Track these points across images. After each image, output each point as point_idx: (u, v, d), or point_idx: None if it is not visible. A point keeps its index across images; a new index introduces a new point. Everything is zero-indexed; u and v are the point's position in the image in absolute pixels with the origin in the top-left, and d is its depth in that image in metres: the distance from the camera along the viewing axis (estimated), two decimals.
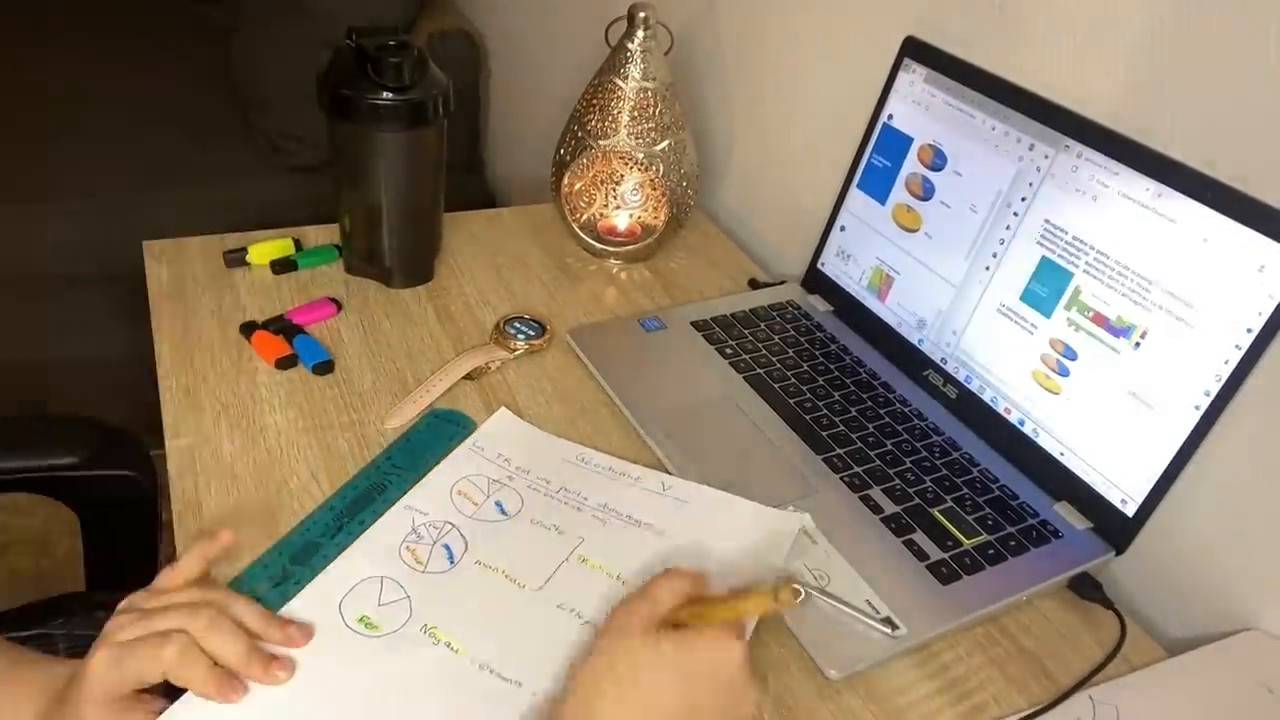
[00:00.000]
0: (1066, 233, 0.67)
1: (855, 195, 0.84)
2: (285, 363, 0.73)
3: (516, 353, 0.78)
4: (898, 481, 0.68)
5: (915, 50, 0.78)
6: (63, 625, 0.73)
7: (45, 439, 0.83)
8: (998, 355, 0.72)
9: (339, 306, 0.81)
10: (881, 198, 0.81)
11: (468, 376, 0.75)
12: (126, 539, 0.86)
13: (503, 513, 0.63)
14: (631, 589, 0.54)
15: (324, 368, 0.74)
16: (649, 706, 0.45)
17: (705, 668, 0.46)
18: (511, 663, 0.52)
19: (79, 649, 0.68)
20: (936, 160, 0.76)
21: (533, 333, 0.79)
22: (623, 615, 0.48)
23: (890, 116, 0.80)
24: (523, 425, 0.71)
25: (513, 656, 0.53)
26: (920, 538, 0.64)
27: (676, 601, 0.49)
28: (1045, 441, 0.69)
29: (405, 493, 0.63)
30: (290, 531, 0.60)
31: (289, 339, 0.75)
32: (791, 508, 0.64)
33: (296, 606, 0.54)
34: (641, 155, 0.89)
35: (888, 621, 0.57)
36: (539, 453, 0.68)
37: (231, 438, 0.67)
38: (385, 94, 0.74)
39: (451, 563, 0.58)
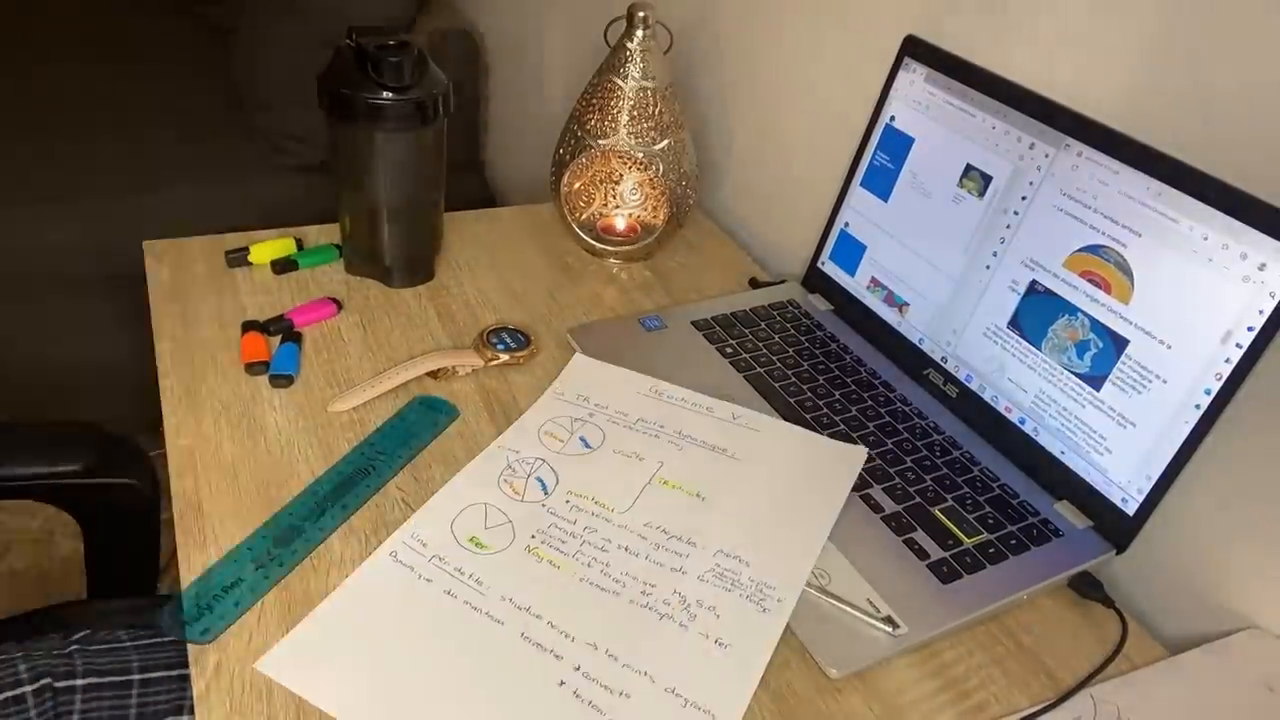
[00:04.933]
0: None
1: (857, 194, 0.84)
2: (255, 369, 0.73)
3: (492, 362, 0.76)
4: (898, 480, 0.68)
5: (915, 49, 0.78)
6: (65, 639, 0.72)
7: (48, 447, 0.83)
8: (999, 354, 0.72)
9: (339, 306, 0.81)
10: (884, 196, 0.81)
11: (431, 374, 0.75)
12: (128, 546, 0.86)
13: (586, 446, 0.69)
14: (708, 507, 0.64)
15: (281, 381, 0.72)
16: None
17: None
18: (609, 576, 0.59)
19: (91, 666, 0.68)
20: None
21: (516, 345, 0.78)
22: None
23: (893, 117, 0.80)
24: (597, 365, 0.77)
25: (608, 571, 0.59)
26: (921, 536, 0.64)
27: None
28: (1046, 440, 0.69)
29: (389, 478, 0.65)
30: (273, 515, 0.61)
31: (283, 341, 0.76)
32: None
33: (415, 526, 0.60)
34: (641, 154, 0.89)
35: (888, 620, 0.57)
36: (615, 388, 0.74)
37: (232, 438, 0.67)
38: (385, 94, 0.74)
39: (545, 493, 0.64)
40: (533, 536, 0.61)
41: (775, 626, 0.56)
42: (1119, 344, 0.63)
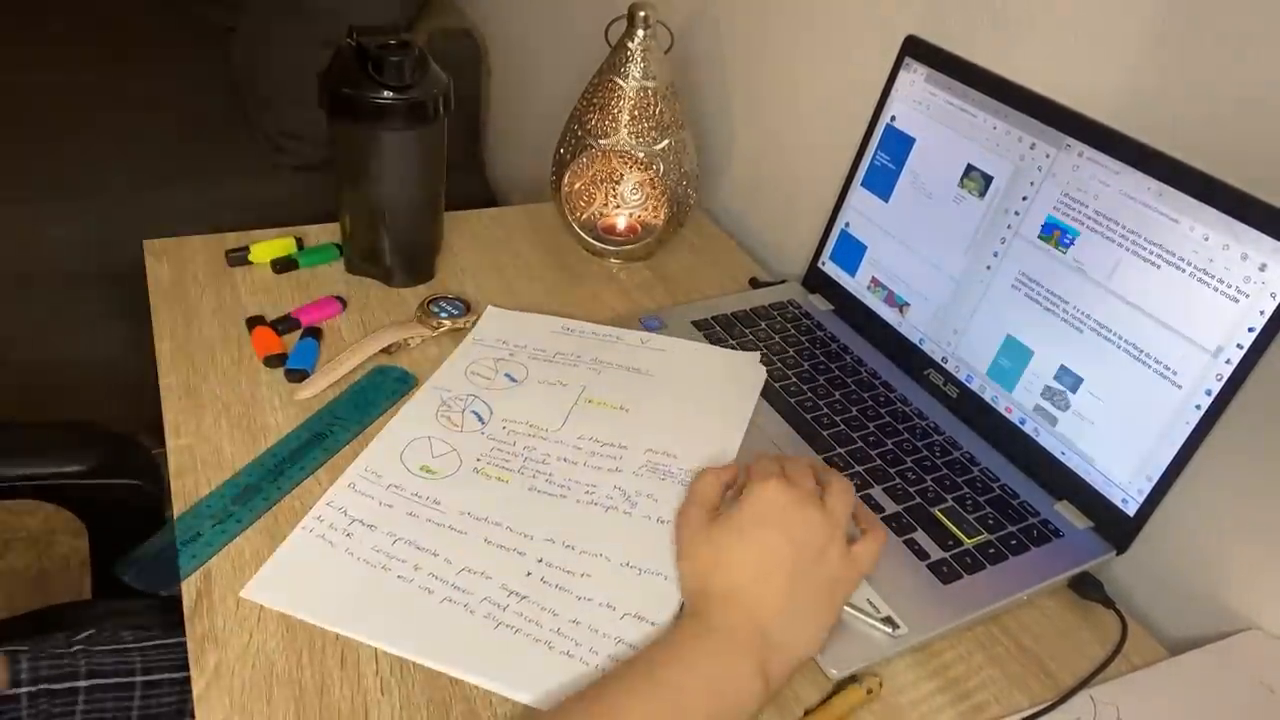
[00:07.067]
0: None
1: (857, 194, 0.84)
2: (273, 361, 0.73)
3: (439, 330, 0.79)
4: (898, 481, 0.68)
5: (916, 49, 0.78)
6: (69, 639, 0.72)
7: (54, 447, 0.83)
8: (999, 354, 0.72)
9: (344, 305, 0.81)
10: (885, 196, 0.81)
11: (385, 351, 0.76)
12: (134, 547, 0.87)
13: (512, 380, 0.74)
14: (633, 417, 0.71)
15: (295, 375, 0.72)
16: (747, 563, 0.53)
17: (760, 510, 0.54)
18: (553, 483, 0.65)
19: (94, 667, 0.68)
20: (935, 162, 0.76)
21: (456, 312, 0.80)
22: (684, 526, 0.57)
23: (894, 117, 0.80)
24: (509, 313, 0.83)
25: (552, 479, 0.65)
26: (921, 537, 0.64)
27: (717, 490, 0.58)
28: (1046, 440, 0.68)
29: (345, 442, 0.67)
30: (231, 476, 0.63)
31: (303, 337, 0.76)
32: None
33: (366, 461, 0.65)
34: (641, 154, 0.89)
35: (888, 621, 0.57)
36: (530, 330, 0.80)
37: (232, 437, 0.67)
38: (386, 93, 0.74)
39: (482, 423, 0.70)
40: (478, 459, 0.66)
41: None
42: None
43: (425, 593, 0.56)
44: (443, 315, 0.80)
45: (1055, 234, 0.67)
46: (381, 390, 0.72)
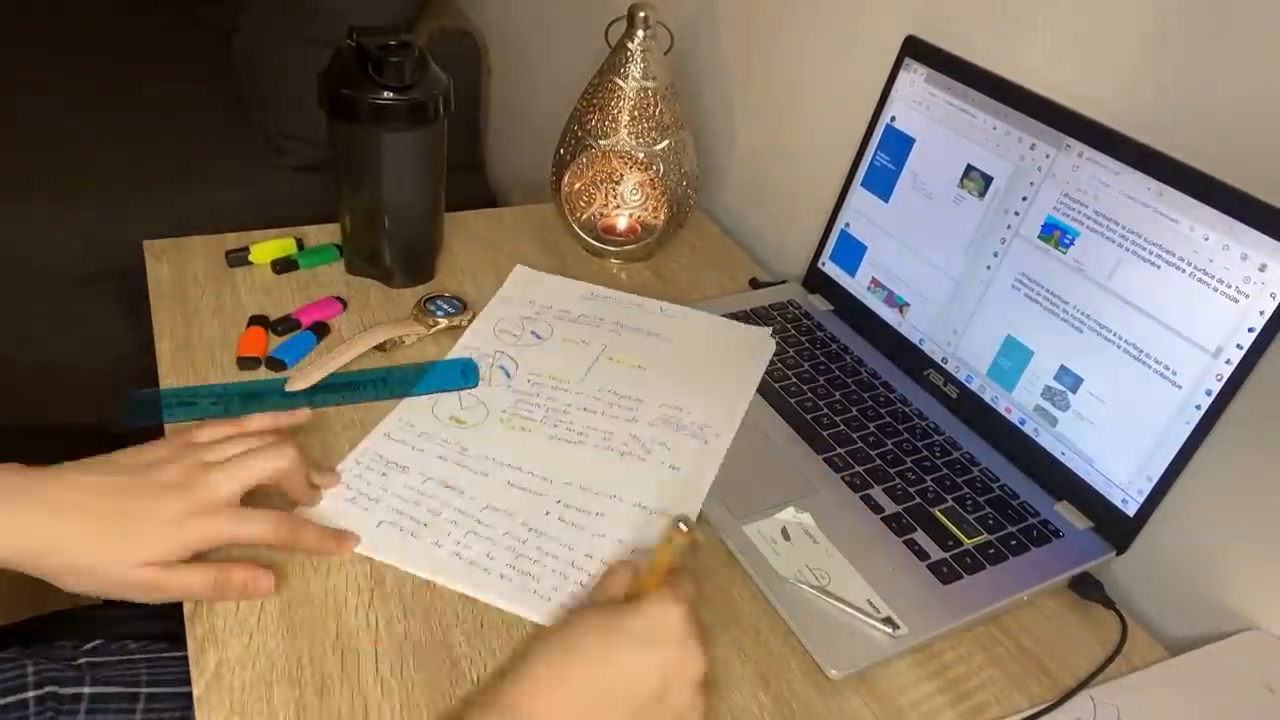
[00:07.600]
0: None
1: (857, 194, 0.84)
2: (245, 363, 0.73)
3: (434, 329, 0.79)
4: (898, 481, 0.68)
5: (916, 49, 0.78)
6: (76, 648, 0.71)
7: (57, 451, 0.83)
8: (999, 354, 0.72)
9: (344, 305, 0.81)
10: (884, 196, 0.81)
11: (379, 347, 0.76)
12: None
13: (538, 338, 0.79)
14: (650, 374, 0.76)
15: (275, 364, 0.73)
16: (591, 677, 0.46)
17: (644, 628, 0.47)
18: (573, 431, 0.70)
19: (99, 676, 0.68)
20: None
21: (453, 310, 0.81)
22: (579, 620, 0.49)
23: (894, 118, 0.80)
24: (537, 274, 0.88)
25: (572, 428, 0.70)
26: (921, 537, 0.64)
27: (623, 590, 0.52)
28: (1046, 441, 0.69)
29: (378, 398, 0.72)
30: (252, 381, 0.70)
31: (301, 330, 0.77)
32: (793, 508, 0.64)
33: (400, 413, 0.69)
34: (641, 155, 0.89)
35: (888, 621, 0.57)
36: (557, 292, 0.86)
37: None
38: (386, 93, 0.74)
39: (509, 377, 0.75)
40: (504, 411, 0.71)
41: (717, 453, 0.69)
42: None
43: (451, 524, 0.61)
44: (439, 314, 0.80)
45: (1055, 234, 0.67)
46: (446, 378, 0.74)
